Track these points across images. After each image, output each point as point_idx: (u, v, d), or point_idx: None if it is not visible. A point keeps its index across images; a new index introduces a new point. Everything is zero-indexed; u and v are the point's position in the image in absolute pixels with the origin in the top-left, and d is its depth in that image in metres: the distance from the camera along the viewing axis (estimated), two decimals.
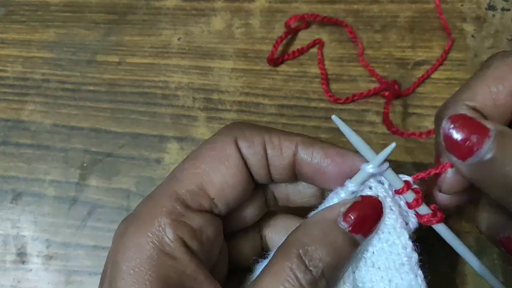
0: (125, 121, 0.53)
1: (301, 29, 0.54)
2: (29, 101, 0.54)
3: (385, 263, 0.33)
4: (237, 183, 0.34)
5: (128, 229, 0.32)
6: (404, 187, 0.33)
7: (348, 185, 0.33)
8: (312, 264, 0.30)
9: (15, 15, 0.58)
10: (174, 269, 0.31)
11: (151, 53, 0.55)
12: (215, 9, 0.57)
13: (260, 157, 0.34)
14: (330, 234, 0.31)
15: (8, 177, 0.52)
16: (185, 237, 0.31)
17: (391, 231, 0.33)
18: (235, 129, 0.35)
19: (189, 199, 0.33)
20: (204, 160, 0.33)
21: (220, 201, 0.33)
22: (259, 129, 0.35)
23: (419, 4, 0.56)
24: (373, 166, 0.33)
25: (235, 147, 0.34)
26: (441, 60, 0.53)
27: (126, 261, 0.31)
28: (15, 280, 0.49)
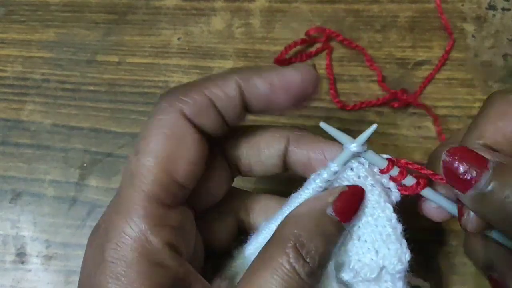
0: (125, 121, 0.53)
1: (320, 41, 0.54)
2: (29, 101, 0.54)
3: (372, 235, 0.34)
4: (197, 155, 0.32)
5: (105, 245, 0.29)
6: (389, 164, 0.35)
7: (330, 165, 0.35)
8: (309, 256, 0.31)
9: (15, 15, 0.58)
10: (166, 276, 0.30)
11: (151, 53, 0.55)
12: (215, 9, 0.57)
13: (209, 113, 0.32)
14: (321, 224, 0.32)
15: (7, 177, 0.51)
16: (171, 239, 0.30)
17: (375, 206, 0.34)
18: (172, 95, 0.33)
19: (163, 196, 0.30)
20: (160, 147, 0.31)
21: (189, 184, 0.32)
22: (196, 86, 0.33)
23: (419, 4, 0.56)
24: (356, 145, 0.34)
25: (183, 117, 0.32)
26: (443, 60, 0.53)
27: (113, 280, 0.29)
28: (14, 280, 0.48)
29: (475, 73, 0.53)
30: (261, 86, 0.33)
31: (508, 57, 0.53)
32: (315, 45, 0.55)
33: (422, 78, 0.53)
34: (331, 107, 0.52)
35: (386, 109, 0.52)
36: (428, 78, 0.52)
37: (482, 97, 0.52)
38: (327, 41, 0.54)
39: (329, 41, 0.54)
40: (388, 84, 0.53)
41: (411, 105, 0.52)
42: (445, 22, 0.54)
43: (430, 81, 0.52)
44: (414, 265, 0.36)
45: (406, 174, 0.35)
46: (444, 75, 0.53)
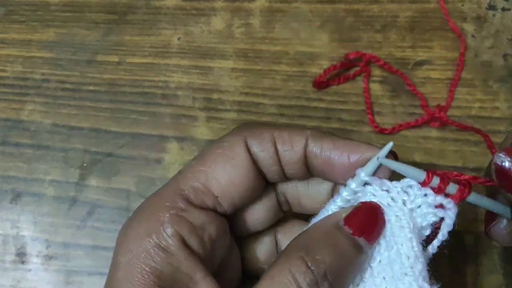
0: (125, 121, 0.53)
1: (359, 65, 0.53)
2: (29, 101, 0.54)
3: (390, 272, 0.32)
4: (244, 181, 0.33)
5: (131, 223, 0.32)
6: (428, 174, 0.32)
7: (358, 173, 0.33)
8: (314, 265, 0.29)
9: (15, 15, 0.58)
10: (168, 265, 0.30)
11: (151, 53, 0.55)
12: (215, 8, 0.57)
13: (271, 154, 0.34)
14: (332, 237, 0.31)
15: (7, 177, 0.51)
16: (184, 233, 0.31)
17: (397, 239, 0.32)
18: (244, 128, 0.35)
19: (192, 196, 0.32)
20: (210, 159, 0.33)
21: (225, 199, 0.33)
22: (268, 126, 0.34)
23: (419, 4, 0.56)
24: (381, 155, 0.32)
25: (244, 146, 0.33)
26: (461, 63, 0.53)
27: (123, 254, 0.31)
28: (14, 280, 0.48)
29: (475, 73, 0.53)
30: (327, 150, 0.33)
31: (508, 57, 0.53)
32: (353, 68, 0.54)
33: (422, 78, 0.53)
34: (331, 107, 0.52)
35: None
36: (451, 89, 0.52)
37: (482, 97, 0.52)
38: (366, 64, 0.53)
39: (369, 65, 0.53)
40: (389, 84, 0.53)
41: (411, 106, 0.52)
42: (452, 25, 0.54)
43: (455, 88, 0.52)
44: None
45: (448, 182, 0.32)
46: (444, 75, 0.53)
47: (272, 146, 0.34)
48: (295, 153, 0.34)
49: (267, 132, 0.34)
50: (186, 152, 0.51)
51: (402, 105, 0.52)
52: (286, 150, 0.34)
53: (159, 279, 0.30)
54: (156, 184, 0.50)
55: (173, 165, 0.51)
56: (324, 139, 0.34)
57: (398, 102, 0.52)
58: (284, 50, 0.55)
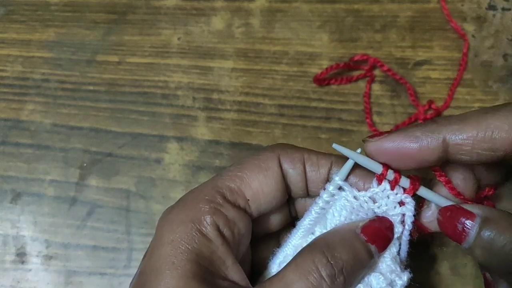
0: (125, 121, 0.53)
1: (363, 68, 0.53)
2: (29, 101, 0.54)
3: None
4: (272, 191, 0.38)
5: (173, 209, 0.36)
6: (384, 169, 0.37)
7: (333, 177, 0.37)
8: (333, 260, 0.34)
9: (15, 15, 0.58)
10: (207, 248, 0.34)
11: (151, 53, 0.55)
12: (215, 8, 0.57)
13: (299, 172, 0.38)
14: (350, 240, 0.36)
15: (7, 177, 0.51)
16: (220, 223, 0.35)
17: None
18: (279, 147, 0.39)
19: (228, 194, 0.37)
20: (247, 167, 0.38)
21: (254, 204, 0.38)
22: (299, 149, 0.39)
23: (419, 4, 0.56)
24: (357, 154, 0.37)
25: (277, 162, 0.38)
26: (463, 63, 0.53)
27: (168, 233, 0.35)
28: (14, 280, 0.48)
29: (475, 73, 0.53)
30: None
31: (508, 57, 0.53)
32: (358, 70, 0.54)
33: (422, 78, 0.53)
34: (331, 107, 0.52)
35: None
36: (454, 84, 0.52)
37: (482, 97, 0.52)
38: (371, 69, 0.53)
39: (373, 69, 0.54)
40: (389, 84, 0.53)
41: (411, 106, 0.52)
42: (454, 25, 0.54)
43: (455, 87, 0.52)
44: (414, 267, 0.37)
45: (400, 174, 0.37)
46: (444, 75, 0.53)
47: (301, 166, 0.38)
48: (320, 174, 0.39)
49: (298, 153, 0.39)
50: (186, 152, 0.51)
51: (402, 105, 0.52)
52: (313, 170, 0.39)
53: (199, 258, 0.34)
54: (156, 184, 0.50)
55: (173, 165, 0.51)
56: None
57: (398, 102, 0.52)
58: (284, 50, 0.55)
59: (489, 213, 0.35)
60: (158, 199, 0.50)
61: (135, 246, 0.49)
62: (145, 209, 0.50)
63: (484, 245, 0.34)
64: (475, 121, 0.34)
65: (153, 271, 0.34)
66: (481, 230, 0.34)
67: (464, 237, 0.35)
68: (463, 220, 0.35)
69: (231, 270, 0.35)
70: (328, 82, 0.53)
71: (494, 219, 0.34)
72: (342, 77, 0.53)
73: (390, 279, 0.36)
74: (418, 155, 0.35)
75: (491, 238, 0.34)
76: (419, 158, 0.35)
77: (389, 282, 0.36)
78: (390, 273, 0.36)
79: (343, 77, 0.53)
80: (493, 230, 0.34)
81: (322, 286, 0.33)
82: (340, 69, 0.53)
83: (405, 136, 0.35)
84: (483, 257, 0.34)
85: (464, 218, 0.35)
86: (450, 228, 0.35)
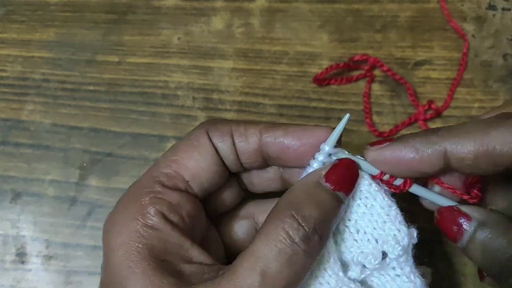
0: (125, 121, 0.53)
1: (363, 68, 0.53)
2: (29, 101, 0.54)
3: (369, 225, 0.36)
4: (210, 167, 0.37)
5: (115, 212, 0.36)
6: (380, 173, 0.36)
7: (322, 147, 0.36)
8: (304, 221, 0.32)
9: (15, 15, 0.58)
10: (158, 239, 0.34)
11: (151, 53, 0.55)
12: (215, 8, 0.57)
13: (229, 144, 0.38)
14: (315, 194, 0.34)
15: (7, 177, 0.51)
16: (164, 210, 0.35)
17: (367, 196, 0.36)
18: (208, 123, 0.39)
19: (165, 180, 0.36)
20: (180, 148, 0.38)
21: (195, 183, 0.37)
22: (228, 122, 0.39)
23: (419, 4, 0.56)
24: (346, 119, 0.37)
25: (207, 137, 0.38)
26: (463, 63, 0.53)
27: (115, 237, 0.34)
28: (14, 280, 0.48)
29: (475, 73, 0.53)
30: (280, 135, 0.37)
31: (508, 57, 0.53)
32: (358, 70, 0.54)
33: (422, 78, 0.53)
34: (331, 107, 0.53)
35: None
36: (451, 89, 0.52)
37: (482, 97, 0.52)
38: (371, 69, 0.53)
39: (373, 69, 0.53)
40: (389, 84, 0.53)
41: (411, 106, 0.52)
42: (454, 25, 0.54)
43: (455, 87, 0.52)
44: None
45: (395, 177, 0.36)
46: (444, 75, 0.53)
47: (230, 138, 0.38)
48: (249, 144, 0.38)
49: (226, 125, 0.38)
50: None
51: (402, 105, 0.52)
52: (241, 141, 0.38)
53: (153, 252, 0.33)
54: None
55: None
56: (277, 129, 0.38)
57: (398, 102, 0.52)
58: (284, 50, 0.55)
59: (486, 216, 0.35)
60: None
61: None
62: None
63: (478, 248, 0.34)
64: (478, 134, 0.33)
65: (113, 283, 0.33)
66: (476, 233, 0.34)
67: (460, 237, 0.35)
68: (459, 221, 0.35)
69: (192, 252, 0.34)
70: (328, 82, 0.53)
71: (490, 223, 0.34)
72: (342, 77, 0.53)
73: (407, 241, 0.36)
74: (418, 166, 0.35)
75: (486, 241, 0.34)
76: (419, 169, 0.35)
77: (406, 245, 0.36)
78: (406, 235, 0.36)
79: (343, 77, 0.53)
80: (489, 233, 0.34)
81: (298, 252, 0.32)
82: (340, 69, 0.53)
83: (405, 147, 0.35)
84: (477, 259, 0.34)
85: (461, 219, 0.35)
86: (447, 227, 0.35)
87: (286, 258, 0.31)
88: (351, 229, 0.36)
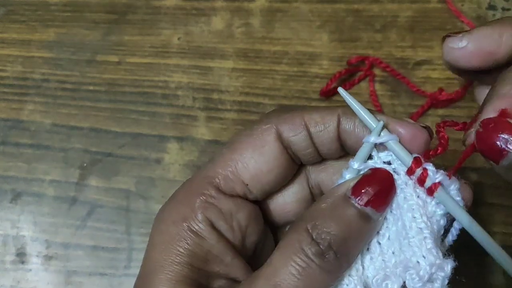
0: (125, 121, 0.53)
1: (362, 70, 0.53)
2: (29, 101, 0.54)
3: (398, 246, 0.31)
4: (273, 168, 0.34)
5: (166, 208, 0.34)
6: (413, 163, 0.31)
7: (351, 164, 0.32)
8: (318, 237, 0.30)
9: (15, 15, 0.58)
10: (200, 247, 0.32)
11: (151, 53, 0.55)
12: (215, 8, 0.57)
13: (304, 137, 0.34)
14: (338, 208, 0.31)
15: (7, 177, 0.51)
16: (213, 219, 0.33)
17: (401, 211, 0.31)
18: (274, 115, 0.35)
19: (222, 184, 0.34)
20: (239, 147, 0.34)
21: (255, 187, 0.34)
22: (297, 110, 0.35)
23: (419, 4, 0.56)
24: (373, 134, 0.32)
25: (273, 134, 0.34)
26: None
27: (158, 235, 0.33)
28: (14, 280, 0.48)
29: None
30: (360, 126, 0.33)
31: None
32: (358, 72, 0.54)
33: (422, 78, 0.53)
34: None
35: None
36: (466, 85, 0.52)
37: None
38: (369, 67, 0.53)
39: (372, 68, 0.53)
40: (389, 84, 0.53)
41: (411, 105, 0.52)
42: (465, 20, 0.54)
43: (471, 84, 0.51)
44: None
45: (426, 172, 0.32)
46: (444, 75, 0.53)
47: (304, 130, 0.34)
48: (328, 132, 0.34)
49: (297, 116, 0.34)
50: (186, 152, 0.51)
51: (402, 105, 0.52)
52: (319, 131, 0.34)
53: (192, 259, 0.32)
54: (156, 184, 0.50)
55: (173, 165, 0.51)
56: (356, 115, 0.34)
57: (398, 102, 0.52)
58: (284, 50, 0.55)
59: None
60: (158, 199, 0.50)
61: (135, 246, 0.49)
62: (145, 209, 0.50)
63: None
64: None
65: (144, 276, 0.32)
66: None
67: (504, 154, 0.30)
68: (505, 136, 0.30)
69: (231, 266, 0.33)
70: (334, 92, 0.53)
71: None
72: (345, 83, 0.53)
73: (428, 273, 0.30)
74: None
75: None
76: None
77: (427, 279, 0.30)
78: (430, 266, 0.30)
79: (346, 83, 0.53)
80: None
81: (311, 267, 0.30)
82: (343, 75, 0.53)
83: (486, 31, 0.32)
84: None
85: (507, 133, 0.30)
86: (489, 143, 0.30)
87: (299, 273, 0.30)
88: (384, 247, 0.32)
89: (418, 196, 0.32)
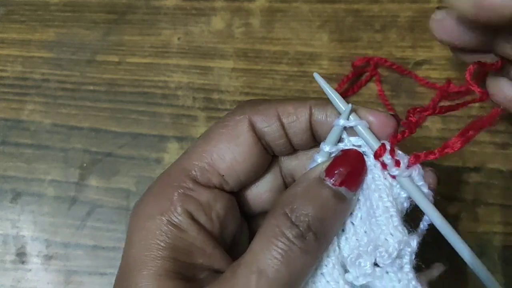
0: (125, 121, 0.53)
1: (368, 71, 0.53)
2: (29, 101, 0.54)
3: (369, 225, 0.33)
4: (248, 159, 0.35)
5: (142, 202, 0.34)
6: (380, 148, 0.33)
7: (322, 147, 0.34)
8: (297, 219, 0.31)
9: (15, 15, 0.58)
10: (182, 240, 0.32)
11: (151, 53, 0.55)
12: (215, 8, 0.57)
13: (277, 128, 0.35)
14: (314, 190, 0.32)
15: (7, 177, 0.51)
16: (193, 210, 0.33)
17: (370, 191, 0.33)
18: (247, 106, 0.35)
19: (198, 175, 0.34)
20: (214, 138, 0.35)
21: (231, 177, 0.35)
22: (271, 102, 0.35)
23: (419, 4, 0.56)
24: (343, 117, 0.33)
25: (247, 125, 0.34)
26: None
27: (138, 230, 0.33)
28: (14, 280, 0.48)
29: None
30: (332, 116, 0.34)
31: None
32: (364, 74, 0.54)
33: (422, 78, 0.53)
34: None
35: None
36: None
37: None
38: (375, 68, 0.53)
39: (377, 68, 0.53)
40: (389, 84, 0.53)
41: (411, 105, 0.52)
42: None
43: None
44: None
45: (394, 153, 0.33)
46: (444, 74, 0.53)
47: (277, 121, 0.35)
48: (300, 123, 0.35)
49: (270, 108, 0.35)
50: None
51: (402, 105, 0.52)
52: (292, 122, 0.35)
53: (174, 253, 0.32)
54: None
55: None
56: (328, 106, 0.35)
57: (398, 102, 0.52)
58: (284, 50, 0.55)
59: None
60: None
61: None
62: None
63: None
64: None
65: (126, 273, 0.32)
66: None
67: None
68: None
69: (213, 257, 0.33)
70: (344, 97, 0.52)
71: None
72: (352, 86, 0.53)
73: (396, 249, 0.31)
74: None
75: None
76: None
77: (396, 255, 0.31)
78: (398, 243, 0.31)
79: (354, 86, 0.53)
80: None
81: (293, 250, 0.30)
82: (350, 79, 0.53)
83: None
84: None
85: None
86: None
87: (282, 256, 0.30)
88: (357, 227, 0.33)
89: (386, 178, 0.33)
